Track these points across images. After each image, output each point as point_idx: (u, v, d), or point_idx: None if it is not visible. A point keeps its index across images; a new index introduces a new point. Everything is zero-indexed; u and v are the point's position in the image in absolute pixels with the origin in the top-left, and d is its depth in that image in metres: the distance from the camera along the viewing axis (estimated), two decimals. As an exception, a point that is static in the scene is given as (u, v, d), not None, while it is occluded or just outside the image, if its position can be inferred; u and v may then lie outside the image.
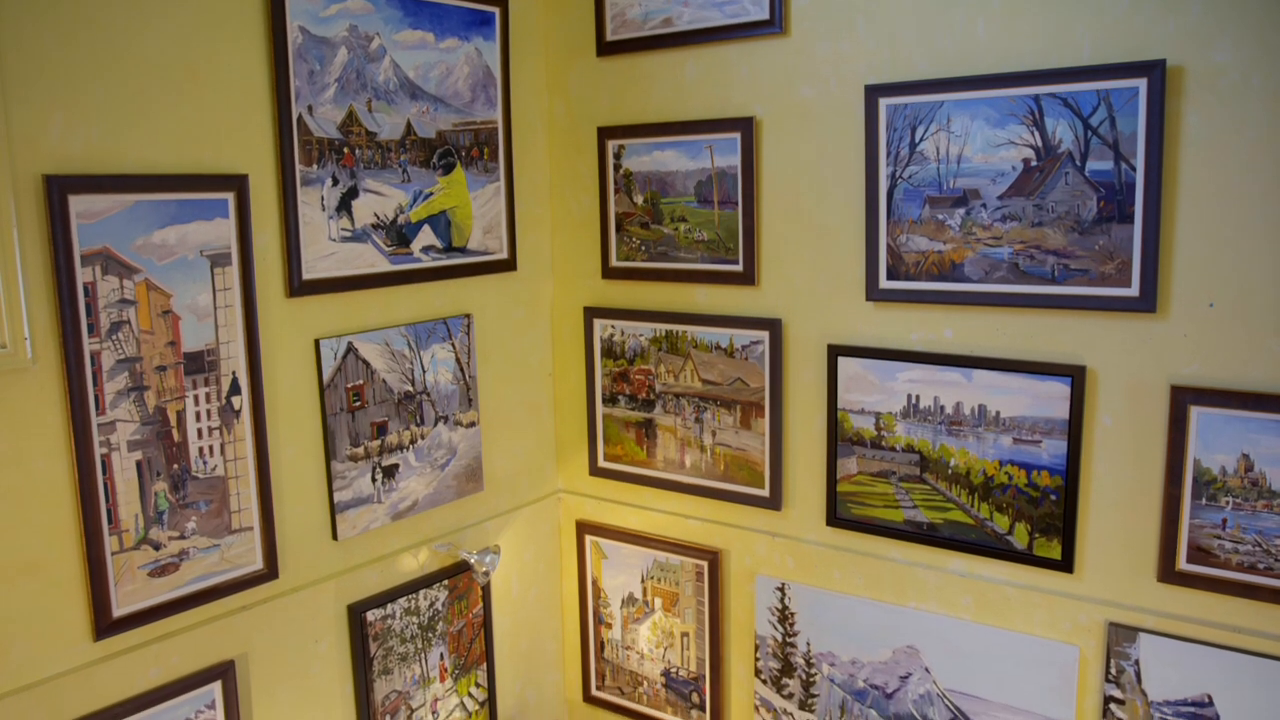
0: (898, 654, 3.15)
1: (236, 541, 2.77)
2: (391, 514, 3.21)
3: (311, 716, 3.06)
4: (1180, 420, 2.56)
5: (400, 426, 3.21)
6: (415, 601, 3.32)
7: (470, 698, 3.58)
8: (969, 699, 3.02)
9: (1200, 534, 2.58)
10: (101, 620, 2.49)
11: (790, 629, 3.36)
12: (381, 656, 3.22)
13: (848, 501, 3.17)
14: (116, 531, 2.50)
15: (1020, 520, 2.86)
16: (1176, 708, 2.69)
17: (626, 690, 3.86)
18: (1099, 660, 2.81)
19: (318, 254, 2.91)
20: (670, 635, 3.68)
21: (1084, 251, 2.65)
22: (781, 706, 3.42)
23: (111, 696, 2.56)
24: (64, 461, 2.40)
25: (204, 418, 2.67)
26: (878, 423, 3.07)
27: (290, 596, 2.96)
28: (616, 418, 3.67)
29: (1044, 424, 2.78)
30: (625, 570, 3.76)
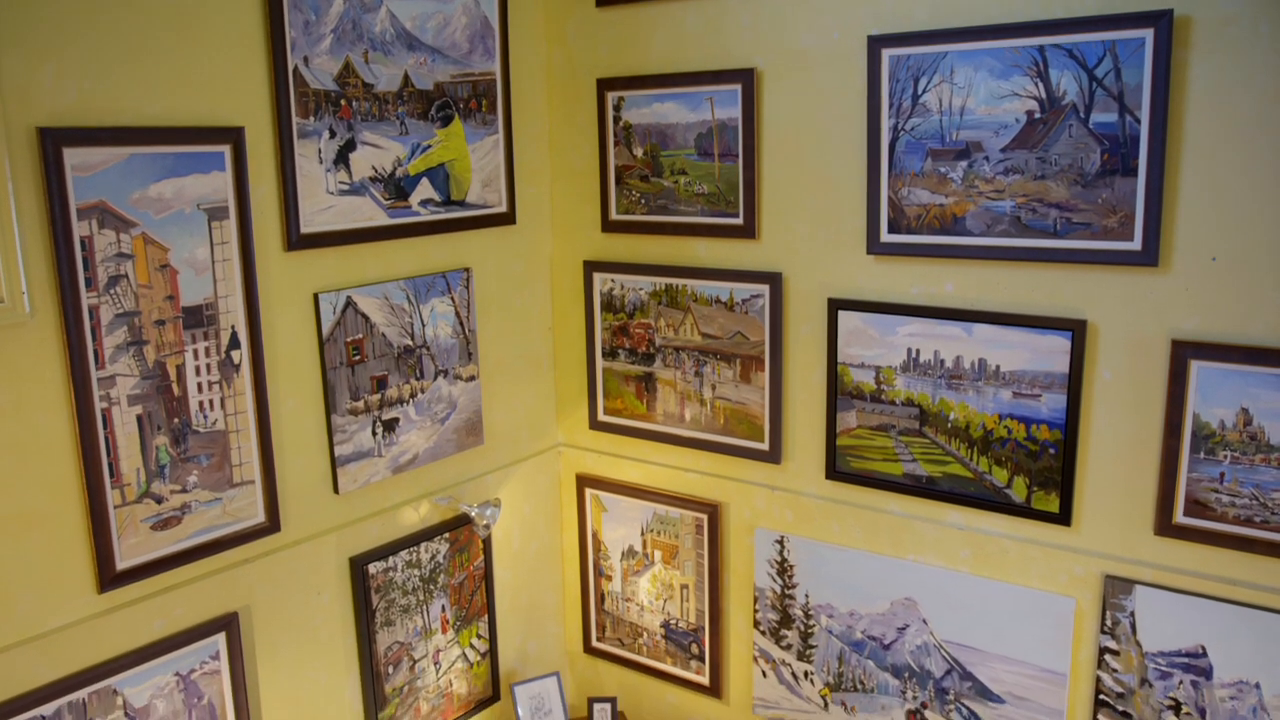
0: (895, 606, 3.18)
1: (238, 495, 2.78)
2: (392, 467, 3.22)
3: (315, 667, 3.09)
4: (1180, 374, 2.56)
5: (400, 380, 3.21)
6: (416, 554, 3.34)
7: (472, 649, 3.62)
8: (966, 650, 3.05)
9: (1198, 487, 2.59)
10: (105, 573, 2.51)
11: (789, 581, 3.38)
12: (383, 608, 3.25)
13: (847, 455, 3.18)
14: (118, 485, 2.51)
15: (1019, 474, 2.87)
16: (1171, 658, 2.72)
17: (626, 641, 3.90)
18: (1095, 612, 2.83)
19: (315, 207, 2.89)
20: (670, 587, 3.71)
21: (1086, 205, 2.64)
22: (780, 657, 3.46)
23: (117, 648, 2.59)
24: (64, 415, 2.40)
25: (204, 372, 2.67)
26: (877, 376, 3.07)
27: (292, 549, 2.98)
28: (616, 371, 3.67)
29: (1044, 378, 2.78)
30: (625, 523, 3.78)
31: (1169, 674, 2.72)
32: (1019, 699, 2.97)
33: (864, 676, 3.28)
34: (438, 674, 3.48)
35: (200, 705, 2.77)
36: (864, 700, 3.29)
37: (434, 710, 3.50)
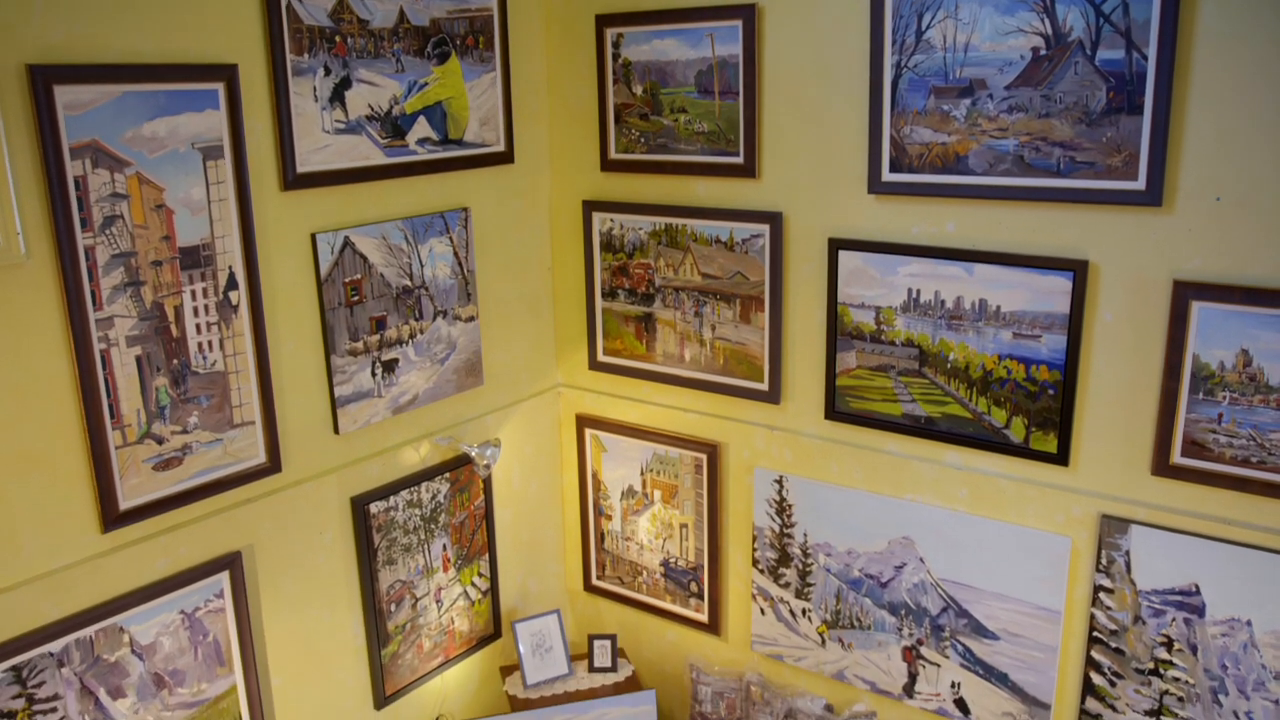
0: (893, 544, 3.20)
1: (239, 436, 2.79)
2: (392, 408, 3.23)
3: (318, 605, 3.13)
4: (1181, 315, 2.55)
5: (399, 321, 3.20)
6: (417, 494, 3.36)
7: (473, 587, 3.66)
8: (961, 588, 3.09)
9: (1195, 428, 2.60)
10: (109, 513, 2.53)
11: (788, 520, 3.41)
12: (385, 547, 3.28)
13: (846, 395, 3.19)
14: (119, 426, 2.51)
15: (1017, 414, 2.88)
16: (1164, 596, 2.75)
17: (626, 580, 3.95)
18: (1090, 551, 2.86)
19: (311, 146, 2.86)
20: (669, 526, 3.74)
21: (1091, 144, 2.61)
22: (778, 595, 3.50)
23: (121, 586, 2.61)
24: (63, 357, 2.40)
25: (202, 313, 2.66)
26: (877, 317, 3.06)
27: (294, 489, 2.99)
28: (616, 312, 3.67)
29: (1044, 319, 2.77)
30: (625, 463, 3.80)
31: (1162, 612, 2.75)
32: (1014, 636, 3.01)
33: (861, 614, 3.32)
34: (439, 612, 3.53)
35: (205, 642, 2.81)
36: (861, 637, 3.34)
37: (436, 647, 3.55)
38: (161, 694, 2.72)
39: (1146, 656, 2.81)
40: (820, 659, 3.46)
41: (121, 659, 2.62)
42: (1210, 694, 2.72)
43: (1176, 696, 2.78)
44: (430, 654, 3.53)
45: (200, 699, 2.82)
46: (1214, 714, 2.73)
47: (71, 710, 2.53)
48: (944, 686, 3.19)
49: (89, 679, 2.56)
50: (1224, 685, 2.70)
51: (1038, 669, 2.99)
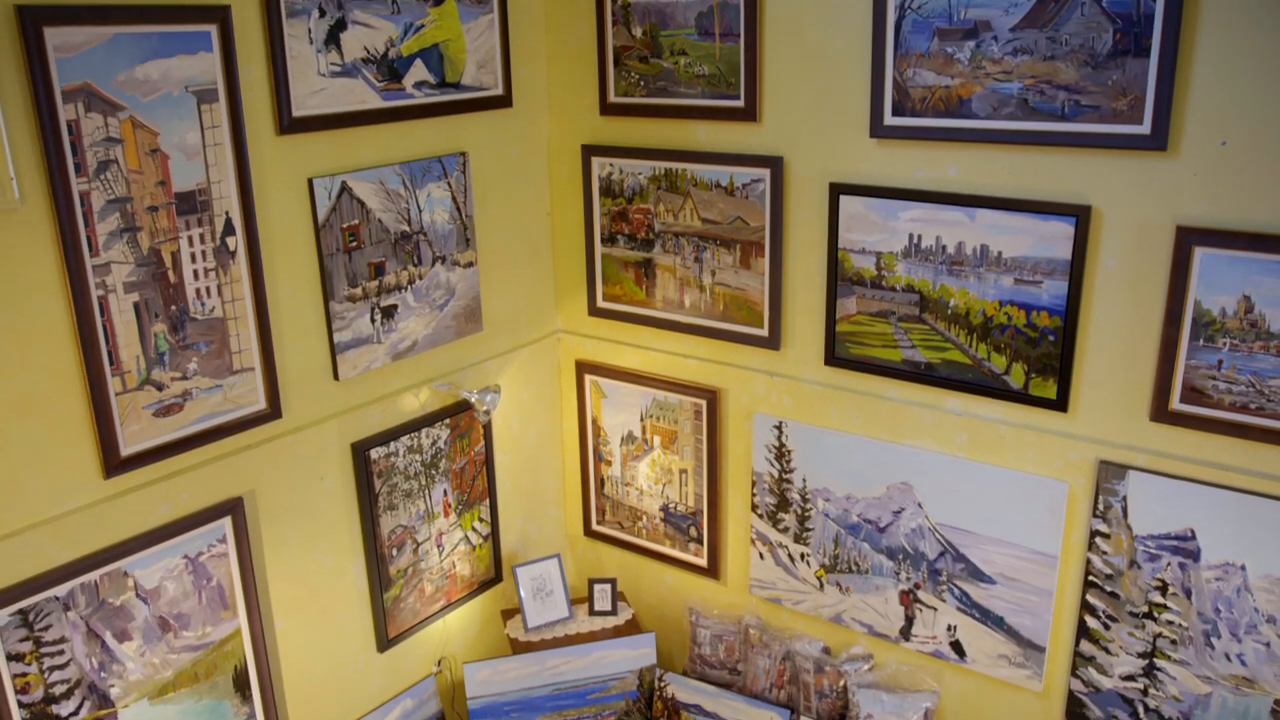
0: (891, 490, 3.22)
1: (238, 382, 2.79)
2: (391, 354, 3.23)
3: (320, 550, 3.15)
4: (1183, 261, 2.54)
5: (398, 267, 3.19)
6: (417, 440, 3.37)
7: (474, 532, 3.69)
8: (959, 533, 3.11)
9: (1195, 375, 2.60)
10: (110, 459, 2.53)
11: (787, 466, 3.43)
12: (386, 493, 3.30)
13: (846, 341, 3.18)
14: (119, 373, 2.51)
15: (1017, 360, 2.88)
16: (1160, 541, 2.77)
17: (626, 525, 3.97)
18: (1087, 496, 2.87)
19: (307, 90, 2.82)
20: (669, 472, 3.76)
21: (1096, 87, 2.57)
22: (777, 540, 3.53)
23: (125, 532, 2.63)
24: (61, 303, 2.39)
25: (199, 259, 2.65)
26: (878, 262, 3.05)
27: (294, 435, 3.00)
28: (615, 257, 3.65)
29: (1046, 264, 2.76)
30: (625, 409, 3.81)
31: (1157, 556, 2.78)
32: (1010, 580, 3.04)
33: (859, 558, 3.34)
34: (441, 556, 3.56)
35: (209, 587, 2.84)
36: (859, 581, 3.37)
37: (438, 591, 3.58)
38: (167, 637, 2.76)
39: (1141, 600, 2.84)
40: (818, 602, 3.50)
41: (126, 603, 2.65)
42: (1203, 637, 2.76)
43: (1169, 639, 2.81)
44: (432, 598, 3.57)
45: (205, 642, 2.85)
46: (1206, 656, 2.76)
47: (78, 653, 2.56)
48: (940, 630, 3.23)
49: (95, 622, 2.59)
50: (1216, 628, 2.73)
51: (1033, 612, 3.02)
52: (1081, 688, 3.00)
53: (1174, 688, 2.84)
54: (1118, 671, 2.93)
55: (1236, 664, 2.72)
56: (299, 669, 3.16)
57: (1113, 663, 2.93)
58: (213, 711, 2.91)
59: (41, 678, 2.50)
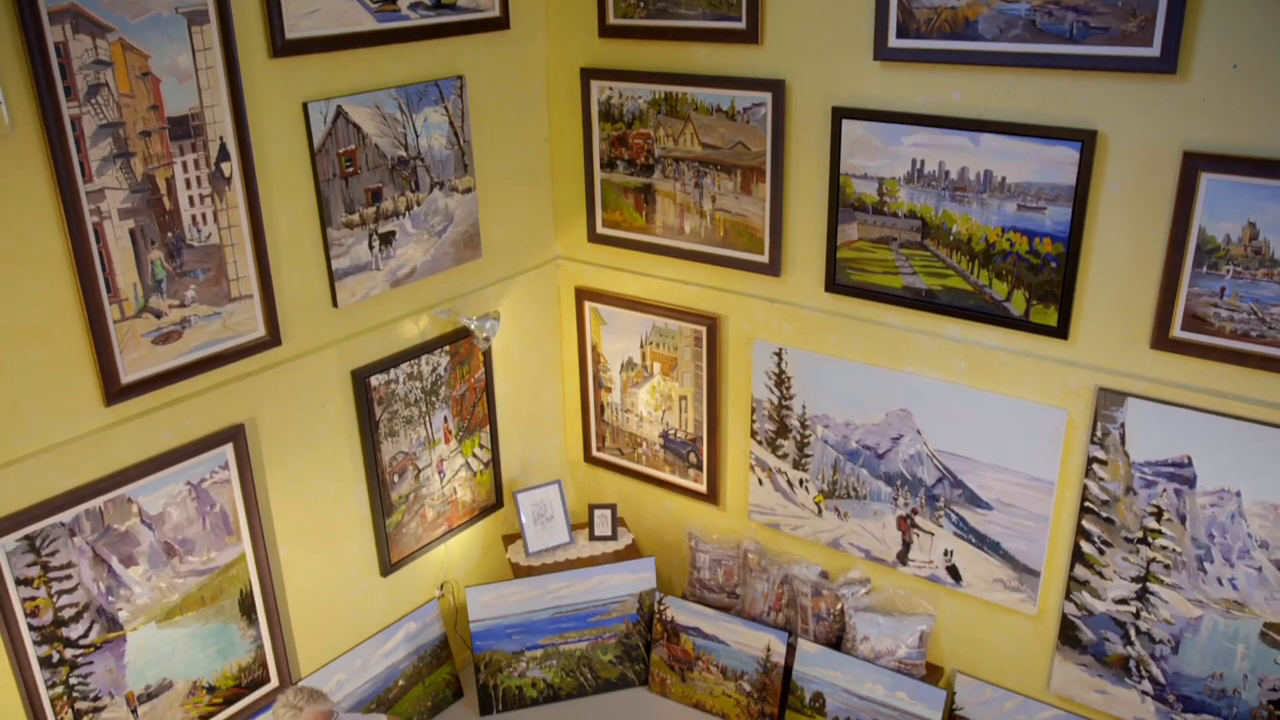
0: (890, 416, 3.23)
1: (237, 309, 2.78)
2: (390, 281, 3.21)
3: (322, 477, 3.18)
4: (1189, 187, 2.51)
5: (395, 193, 3.15)
6: (417, 367, 3.38)
7: (475, 458, 3.71)
8: (957, 459, 3.13)
9: (1197, 302, 2.59)
10: (111, 386, 2.54)
11: (786, 392, 3.43)
12: (387, 420, 3.31)
13: (847, 268, 3.17)
14: (116, 300, 2.50)
15: (1019, 287, 2.86)
16: (1156, 468, 2.79)
17: (626, 451, 4.00)
18: (1086, 423, 2.88)
19: (300, 11, 2.76)
20: (669, 399, 3.77)
21: (1106, 8, 2.52)
22: (776, 466, 3.55)
23: (128, 459, 2.65)
24: (56, 230, 2.37)
25: (194, 185, 2.62)
26: (880, 188, 3.02)
27: (294, 363, 3.00)
28: (615, 183, 3.61)
29: (1050, 190, 2.73)
30: (624, 336, 3.81)
31: (1153, 483, 2.80)
32: (1007, 506, 3.07)
33: (857, 484, 3.37)
34: (442, 482, 3.58)
35: (213, 513, 2.86)
36: (857, 507, 3.40)
37: (439, 517, 3.62)
38: (172, 562, 2.79)
39: (1136, 526, 2.86)
40: (816, 528, 3.53)
41: (132, 529, 2.68)
42: (1196, 562, 2.79)
43: (1163, 564, 2.85)
44: (434, 523, 3.60)
45: (210, 567, 2.89)
46: (1198, 581, 2.80)
47: (85, 578, 2.60)
48: (937, 554, 3.27)
49: (101, 548, 2.62)
50: (1210, 554, 2.76)
51: (1029, 538, 3.06)
52: (1075, 611, 3.05)
53: (1165, 611, 2.88)
54: (1111, 595, 2.97)
55: (1228, 588, 2.76)
56: (303, 593, 3.20)
57: (1106, 587, 2.97)
58: (219, 635, 2.96)
59: (50, 601, 2.54)
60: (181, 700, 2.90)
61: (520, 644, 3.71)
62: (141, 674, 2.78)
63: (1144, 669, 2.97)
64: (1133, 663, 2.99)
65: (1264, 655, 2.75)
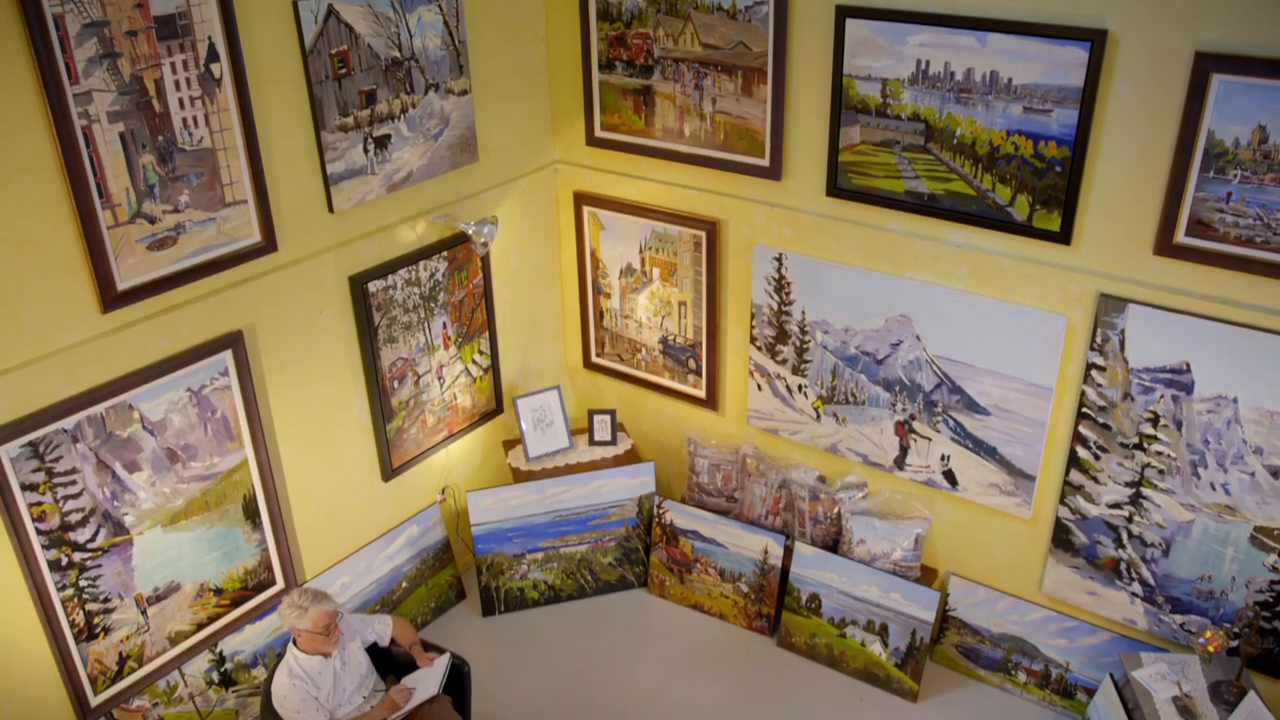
0: (890, 322, 3.22)
1: (232, 215, 2.75)
2: (386, 185, 3.17)
3: (322, 383, 3.18)
4: (1200, 89, 2.46)
5: (390, 95, 3.09)
6: (415, 273, 3.35)
7: (474, 364, 3.71)
8: (956, 365, 3.13)
9: (1203, 207, 2.56)
10: (107, 293, 2.52)
11: (786, 298, 3.42)
12: (385, 326, 3.30)
13: (848, 172, 3.12)
14: (109, 206, 2.47)
15: (1022, 192, 2.83)
16: (1155, 374, 2.79)
17: (625, 357, 4.00)
18: (1085, 330, 2.88)
19: (287, -97, 2.67)
20: (668, 304, 3.76)
21: (1121, -100, 2.43)
22: (775, 371, 3.56)
23: (127, 365, 2.65)
24: (44, 134, 2.32)
25: (184, 86, 2.56)
26: (884, 89, 2.96)
27: (291, 269, 2.98)
28: (613, 85, 3.54)
29: (1057, 92, 2.67)
30: (623, 241, 3.78)
31: (1151, 389, 2.80)
32: (1005, 411, 3.08)
33: (856, 390, 3.38)
34: (442, 388, 3.59)
35: (214, 419, 2.88)
36: (855, 412, 3.42)
37: (440, 422, 3.64)
38: (175, 467, 2.81)
39: (1132, 432, 2.88)
40: (815, 433, 3.56)
41: (134, 435, 2.69)
42: (1190, 467, 2.81)
43: (1157, 469, 2.87)
44: (434, 429, 3.63)
45: (213, 472, 2.91)
46: (1191, 486, 2.83)
47: (90, 483, 2.62)
48: (934, 459, 3.30)
49: (104, 454, 2.63)
50: (1204, 459, 2.78)
51: (1026, 443, 3.08)
52: (1069, 515, 3.09)
53: (1158, 515, 2.92)
54: (1105, 500, 3.00)
55: (1221, 493, 2.79)
56: (306, 498, 3.24)
57: (1100, 491, 3.00)
58: (225, 538, 3.00)
59: (57, 506, 2.57)
60: (189, 602, 2.96)
61: (521, 547, 3.76)
62: (149, 576, 2.83)
63: (1134, 571, 3.02)
64: (1124, 565, 3.04)
65: (1253, 558, 2.80)
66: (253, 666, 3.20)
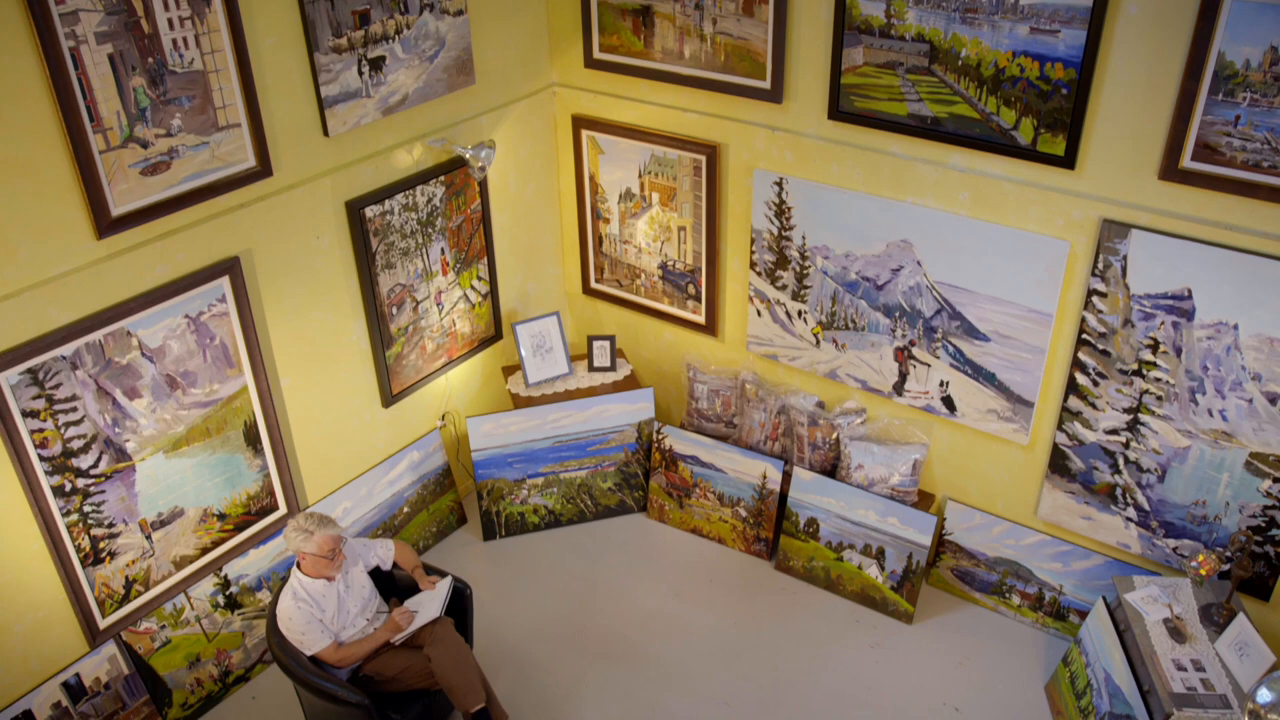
0: (891, 248, 3.20)
1: (226, 138, 2.71)
2: (381, 109, 3.12)
3: (321, 309, 3.17)
4: (1211, 8, 2.40)
5: (384, 15, 3.02)
6: (412, 197, 3.32)
7: (473, 290, 3.70)
8: (956, 291, 3.12)
9: (1210, 131, 2.52)
10: (101, 219, 2.50)
11: (786, 223, 3.39)
12: (383, 251, 3.28)
13: (851, 94, 3.07)
14: (100, 129, 2.43)
15: (1027, 115, 2.79)
16: (1156, 300, 2.78)
17: (625, 283, 3.98)
18: (1088, 256, 2.86)
19: None
20: (667, 229, 3.73)
21: None
22: (775, 297, 3.54)
23: (123, 292, 2.63)
24: (32, 57, 2.28)
25: (173, 6, 2.50)
26: (888, 9, 2.89)
27: (287, 194, 2.95)
28: (612, 5, 3.46)
29: (1065, 11, 2.62)
30: (622, 165, 3.73)
31: (1152, 315, 2.79)
32: (1004, 338, 3.08)
33: (856, 316, 3.37)
34: (441, 314, 3.58)
35: (213, 345, 2.87)
36: (854, 338, 3.41)
37: (439, 348, 3.63)
38: (176, 394, 2.82)
39: (1131, 358, 2.88)
40: (814, 359, 3.56)
41: (133, 362, 2.69)
42: (1188, 394, 2.82)
43: (1155, 396, 2.88)
44: (433, 355, 3.63)
45: (213, 399, 2.92)
46: (1189, 412, 2.84)
47: (91, 410, 2.63)
48: (933, 385, 3.30)
49: (104, 380, 2.63)
50: (1203, 385, 2.78)
51: (1025, 369, 3.08)
52: (1066, 441, 3.11)
53: (1155, 441, 2.93)
54: (1102, 426, 3.02)
55: (1218, 419, 2.80)
56: (307, 424, 3.25)
57: (1098, 418, 3.01)
58: (227, 464, 3.02)
59: (59, 433, 2.58)
60: (193, 527, 2.99)
61: (521, 472, 3.79)
62: (153, 502, 2.85)
63: (1130, 496, 3.05)
64: (1119, 490, 3.06)
65: (1247, 483, 2.82)
66: (257, 590, 3.24)
